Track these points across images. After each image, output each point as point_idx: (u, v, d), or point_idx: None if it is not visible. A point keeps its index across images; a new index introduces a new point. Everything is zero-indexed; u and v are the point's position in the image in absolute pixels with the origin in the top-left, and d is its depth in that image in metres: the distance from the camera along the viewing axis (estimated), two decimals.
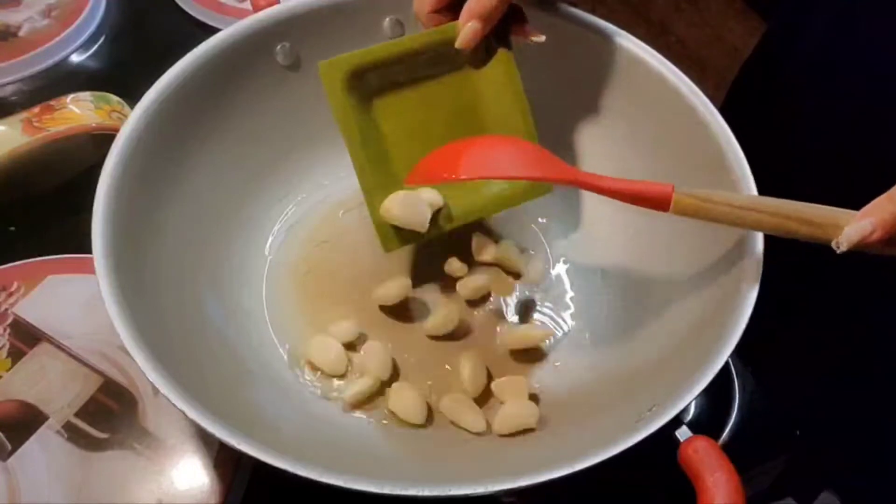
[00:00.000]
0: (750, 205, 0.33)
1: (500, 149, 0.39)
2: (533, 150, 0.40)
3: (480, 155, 0.38)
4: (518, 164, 0.38)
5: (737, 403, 0.45)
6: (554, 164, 0.38)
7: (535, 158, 0.38)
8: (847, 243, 0.30)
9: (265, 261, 0.46)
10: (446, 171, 0.38)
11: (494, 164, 0.38)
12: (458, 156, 0.38)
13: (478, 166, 0.38)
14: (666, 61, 0.43)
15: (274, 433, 0.36)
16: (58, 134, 0.48)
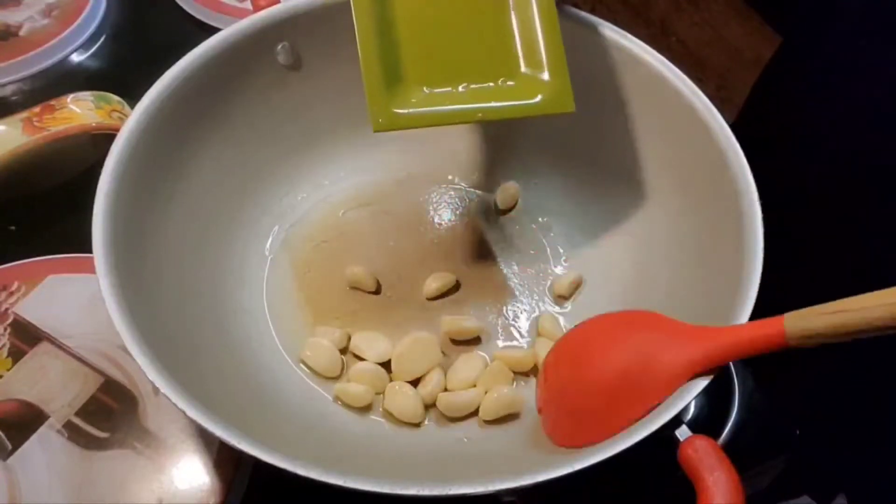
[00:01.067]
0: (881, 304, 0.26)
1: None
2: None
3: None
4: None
5: (737, 403, 0.45)
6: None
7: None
8: None
9: (265, 260, 0.46)
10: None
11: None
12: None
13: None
14: (666, 61, 0.43)
15: (274, 432, 0.36)
16: (58, 133, 0.48)
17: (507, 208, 0.50)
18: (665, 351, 0.32)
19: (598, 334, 0.35)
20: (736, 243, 0.37)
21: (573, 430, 0.34)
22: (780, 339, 0.29)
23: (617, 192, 0.48)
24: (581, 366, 0.35)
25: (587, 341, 0.36)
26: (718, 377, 0.32)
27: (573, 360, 0.35)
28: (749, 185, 0.38)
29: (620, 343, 0.34)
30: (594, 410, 0.33)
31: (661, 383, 0.32)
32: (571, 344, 0.37)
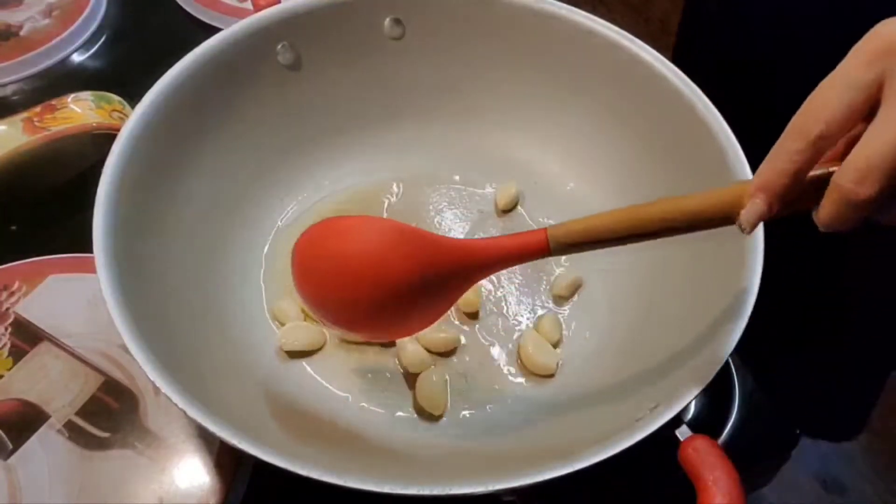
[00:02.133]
0: (631, 218, 0.31)
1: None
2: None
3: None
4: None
5: (737, 403, 0.45)
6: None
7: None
8: (749, 226, 0.28)
9: (266, 260, 0.46)
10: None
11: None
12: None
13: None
14: (666, 61, 0.43)
15: (275, 432, 0.36)
16: (59, 133, 0.48)
17: (507, 208, 0.50)
18: (445, 262, 0.33)
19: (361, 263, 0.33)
20: (736, 241, 0.37)
21: (370, 326, 0.35)
22: (544, 245, 0.32)
23: (616, 192, 0.48)
24: (364, 277, 0.33)
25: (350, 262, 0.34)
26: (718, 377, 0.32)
27: (350, 272, 0.33)
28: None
29: (399, 273, 0.33)
30: (392, 313, 0.34)
31: (451, 289, 0.34)
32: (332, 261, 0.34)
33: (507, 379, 0.43)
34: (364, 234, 0.34)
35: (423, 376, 0.41)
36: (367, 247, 0.33)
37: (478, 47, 0.48)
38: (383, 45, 0.48)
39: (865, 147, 0.24)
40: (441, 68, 0.49)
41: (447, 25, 0.47)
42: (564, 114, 0.49)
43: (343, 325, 0.36)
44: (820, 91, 0.26)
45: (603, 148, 0.48)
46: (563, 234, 0.32)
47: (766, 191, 0.27)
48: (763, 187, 0.27)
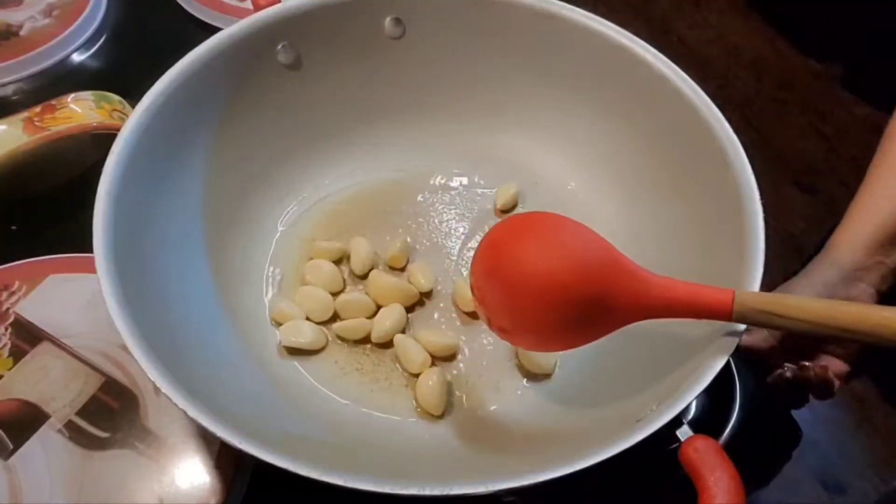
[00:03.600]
0: (828, 313, 0.30)
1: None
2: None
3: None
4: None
5: (737, 403, 0.45)
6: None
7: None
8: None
9: (266, 260, 0.46)
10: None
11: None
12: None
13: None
14: (667, 60, 0.43)
15: (275, 432, 0.36)
16: (59, 133, 0.48)
17: (507, 208, 0.50)
18: (622, 293, 0.32)
19: (549, 256, 0.33)
20: (737, 242, 0.37)
21: (534, 342, 0.36)
22: (727, 312, 0.31)
23: (618, 192, 0.48)
24: (537, 295, 0.32)
25: (544, 247, 0.33)
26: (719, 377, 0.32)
27: (522, 286, 0.33)
28: (750, 184, 0.38)
29: (579, 275, 0.32)
30: (551, 331, 0.33)
31: (616, 320, 0.33)
32: (522, 245, 0.34)
33: (507, 379, 0.43)
34: (563, 244, 0.33)
35: (423, 377, 0.41)
36: (560, 262, 0.32)
37: (478, 47, 0.48)
38: (383, 44, 0.48)
39: None
40: (441, 68, 0.49)
41: (447, 25, 0.47)
42: (565, 113, 0.49)
43: (503, 323, 0.35)
44: None
45: (603, 148, 0.48)
46: (750, 305, 0.31)
47: None
48: None
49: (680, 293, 0.32)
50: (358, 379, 0.42)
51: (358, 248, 0.46)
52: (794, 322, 0.31)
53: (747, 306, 0.31)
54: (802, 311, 0.31)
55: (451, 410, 0.41)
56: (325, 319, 0.44)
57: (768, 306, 0.31)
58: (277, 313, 0.44)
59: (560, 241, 0.33)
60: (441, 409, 0.41)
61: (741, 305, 0.31)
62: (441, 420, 0.41)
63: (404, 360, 0.42)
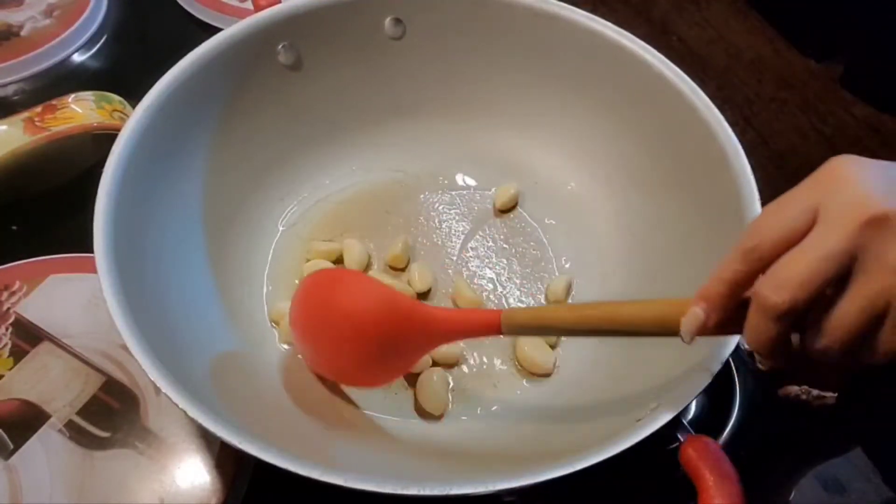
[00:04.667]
0: (577, 318, 0.33)
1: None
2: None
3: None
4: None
5: (737, 403, 0.45)
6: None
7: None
8: (688, 335, 0.29)
9: (266, 260, 0.46)
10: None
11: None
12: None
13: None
14: (667, 61, 0.43)
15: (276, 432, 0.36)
16: (59, 133, 0.48)
17: (507, 208, 0.50)
18: (413, 329, 0.36)
19: (346, 314, 0.37)
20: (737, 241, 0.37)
21: (345, 375, 0.40)
22: (497, 327, 0.35)
23: (617, 192, 0.48)
24: (343, 333, 0.37)
25: (336, 313, 0.37)
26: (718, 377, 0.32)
27: (332, 325, 0.37)
28: (749, 184, 0.38)
29: (374, 327, 0.36)
30: (362, 369, 0.38)
31: (417, 350, 0.38)
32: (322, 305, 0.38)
33: (507, 379, 0.43)
34: (355, 293, 0.37)
35: (424, 377, 0.41)
36: (355, 306, 0.37)
37: (478, 47, 0.48)
38: (384, 44, 0.48)
39: (787, 259, 0.26)
40: (441, 68, 0.49)
41: (447, 25, 0.47)
42: (565, 113, 0.49)
43: (319, 366, 0.40)
44: (765, 210, 0.28)
45: (603, 148, 0.48)
46: (515, 319, 0.35)
47: (706, 300, 0.29)
48: (703, 296, 0.29)
49: (457, 319, 0.37)
50: None
51: (350, 249, 0.46)
52: (553, 330, 0.36)
53: (513, 322, 0.35)
54: (557, 320, 0.34)
55: (451, 410, 0.41)
56: None
57: (529, 321, 0.35)
58: (276, 313, 0.44)
59: (363, 292, 0.38)
60: (441, 410, 0.41)
61: (508, 321, 0.35)
62: (441, 420, 0.41)
63: None
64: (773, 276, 0.26)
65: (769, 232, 0.26)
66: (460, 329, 0.37)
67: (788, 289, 0.25)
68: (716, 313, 0.28)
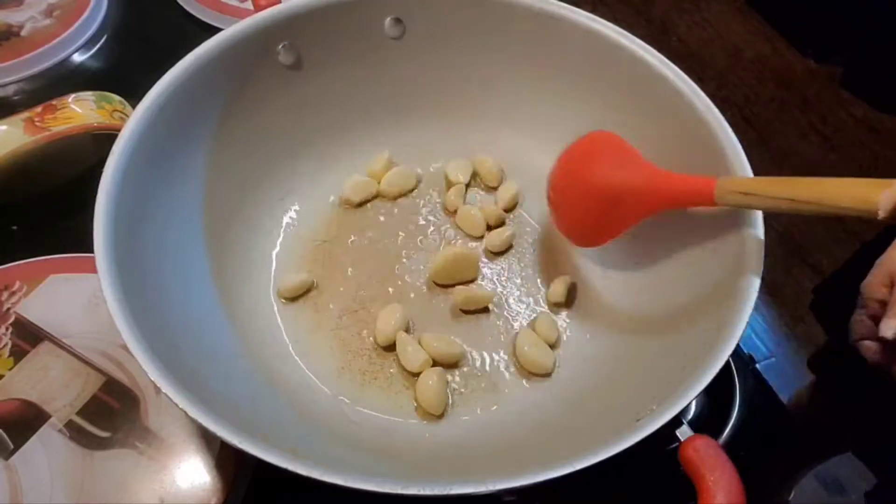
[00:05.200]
0: (788, 191, 0.34)
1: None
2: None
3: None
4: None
5: (737, 403, 0.45)
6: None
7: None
8: (884, 211, 0.30)
9: (266, 259, 0.46)
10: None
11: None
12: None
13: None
14: (667, 61, 0.43)
15: (276, 432, 0.36)
16: (60, 133, 0.48)
17: (508, 208, 0.50)
18: (634, 187, 0.40)
19: (593, 155, 0.42)
20: (738, 241, 0.37)
21: (578, 231, 0.44)
22: (710, 195, 0.37)
23: None
24: (582, 179, 0.42)
25: (584, 160, 0.42)
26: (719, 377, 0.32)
27: (575, 173, 0.42)
28: None
29: (608, 170, 0.41)
30: (588, 216, 0.42)
31: (634, 212, 0.41)
32: (573, 161, 0.43)
33: (508, 379, 0.43)
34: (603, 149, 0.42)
35: (423, 376, 0.41)
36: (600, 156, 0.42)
37: (478, 47, 0.48)
38: (384, 44, 0.48)
39: None
40: (441, 68, 0.49)
41: (447, 25, 0.47)
42: (565, 113, 0.49)
43: (558, 203, 0.44)
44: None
45: None
46: (729, 186, 0.36)
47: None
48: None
49: (674, 181, 0.39)
50: (359, 379, 0.42)
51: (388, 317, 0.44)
52: (763, 199, 0.35)
53: (726, 189, 0.36)
54: (770, 188, 0.35)
55: (450, 410, 0.41)
56: None
57: (743, 187, 0.36)
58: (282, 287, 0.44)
59: (611, 158, 0.42)
60: (441, 410, 0.41)
61: (721, 189, 0.37)
62: (441, 420, 0.41)
63: (404, 359, 0.42)
64: None
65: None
66: (676, 192, 0.39)
67: None
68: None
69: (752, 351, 0.50)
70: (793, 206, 0.34)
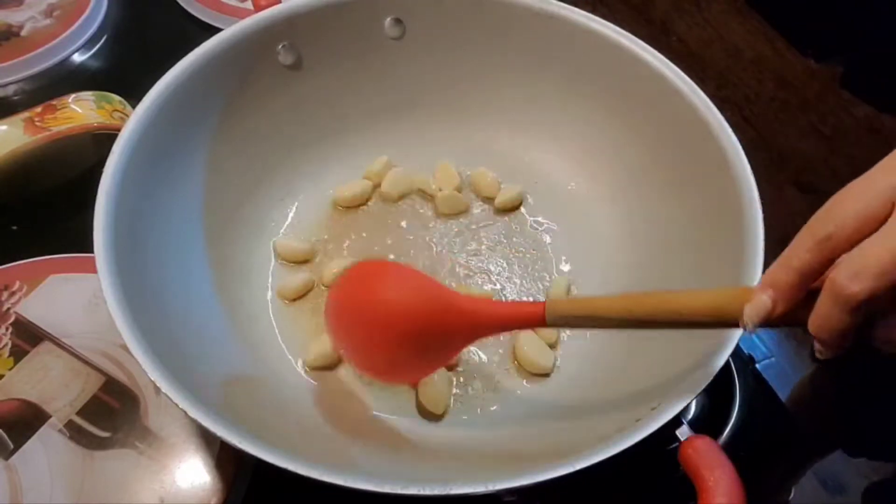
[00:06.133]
0: (627, 308, 0.31)
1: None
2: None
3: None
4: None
5: (737, 403, 0.45)
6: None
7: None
8: (752, 324, 0.28)
9: (267, 259, 0.46)
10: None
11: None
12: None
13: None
14: (667, 61, 0.43)
15: (275, 432, 0.36)
16: (60, 133, 0.48)
17: (508, 208, 0.50)
18: (453, 321, 0.35)
19: (386, 304, 0.36)
20: (737, 242, 0.37)
21: (384, 371, 0.38)
22: (541, 318, 0.33)
23: (617, 192, 0.48)
24: (378, 328, 0.36)
25: (376, 306, 0.36)
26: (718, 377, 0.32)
27: (367, 320, 0.36)
28: (750, 184, 0.38)
29: (414, 316, 0.35)
30: (398, 363, 0.37)
31: (455, 344, 0.37)
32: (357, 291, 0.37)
33: (507, 379, 0.43)
34: (392, 285, 0.36)
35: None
36: (392, 297, 0.36)
37: (478, 47, 0.48)
38: (384, 44, 0.48)
39: (866, 247, 0.25)
40: (441, 68, 0.49)
41: (447, 25, 0.47)
42: (565, 114, 0.49)
43: (358, 362, 0.38)
44: (838, 195, 0.26)
45: (603, 148, 0.48)
46: (559, 310, 0.33)
47: (774, 287, 0.27)
48: (770, 284, 0.27)
49: (500, 312, 0.35)
50: (359, 378, 0.42)
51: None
52: (601, 321, 0.33)
53: (558, 313, 0.33)
54: (605, 309, 0.32)
55: (451, 410, 0.41)
56: None
57: (575, 310, 0.33)
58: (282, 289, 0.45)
59: (399, 285, 0.37)
60: (443, 409, 0.41)
61: (552, 313, 0.33)
62: (441, 420, 0.41)
63: None
64: (850, 263, 0.25)
65: (845, 219, 0.25)
66: (503, 322, 0.35)
67: (867, 278, 0.24)
68: (783, 303, 0.27)
69: (752, 351, 0.50)
70: (643, 324, 0.31)
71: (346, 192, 0.49)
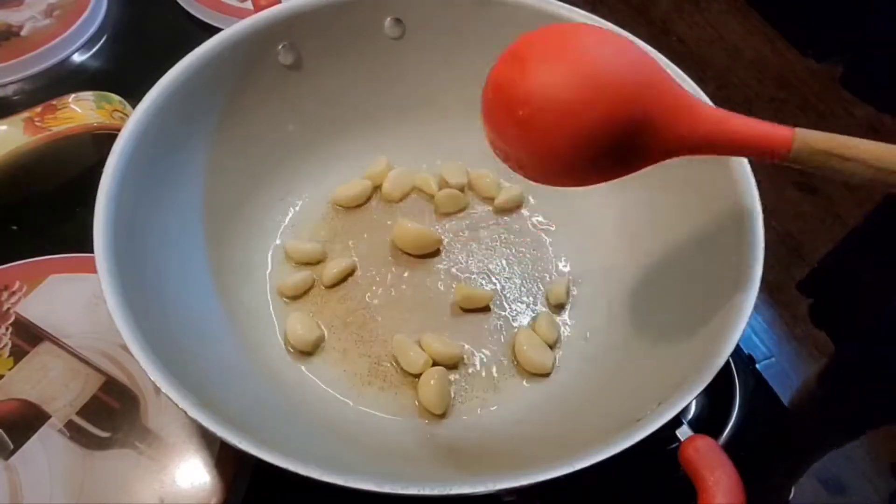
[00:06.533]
0: (889, 153, 0.27)
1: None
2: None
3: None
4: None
5: (737, 403, 0.45)
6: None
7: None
8: None
9: (267, 259, 0.46)
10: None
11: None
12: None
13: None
14: (667, 61, 0.43)
15: (276, 431, 0.36)
16: (59, 133, 0.48)
17: (508, 208, 0.50)
18: (662, 122, 0.28)
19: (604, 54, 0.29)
20: (737, 242, 0.37)
21: (553, 161, 0.32)
22: (786, 145, 0.28)
23: (617, 192, 0.48)
24: (593, 83, 0.28)
25: (593, 57, 0.29)
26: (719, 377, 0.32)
27: (579, 72, 0.29)
28: (750, 185, 0.38)
29: (622, 92, 0.28)
30: (582, 141, 0.29)
31: (652, 153, 0.29)
32: (570, 52, 0.30)
33: (507, 379, 0.43)
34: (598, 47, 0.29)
35: (425, 376, 0.41)
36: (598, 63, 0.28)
37: (478, 47, 0.48)
38: (384, 44, 0.48)
39: None
40: (441, 68, 0.49)
41: (447, 25, 0.47)
42: None
43: (526, 149, 0.31)
44: None
45: None
46: (811, 140, 0.28)
47: None
48: None
49: (734, 126, 0.28)
50: (360, 379, 0.42)
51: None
52: (856, 165, 0.27)
53: (808, 144, 0.28)
54: (870, 153, 0.27)
55: (451, 410, 0.41)
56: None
57: (832, 147, 0.28)
58: (281, 287, 0.45)
59: (581, 59, 0.29)
60: (443, 409, 0.41)
61: (802, 143, 0.28)
62: (441, 420, 0.41)
63: (405, 362, 0.42)
64: None
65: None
66: (735, 139, 0.28)
67: None
68: None
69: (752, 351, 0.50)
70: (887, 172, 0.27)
71: (347, 192, 0.49)
